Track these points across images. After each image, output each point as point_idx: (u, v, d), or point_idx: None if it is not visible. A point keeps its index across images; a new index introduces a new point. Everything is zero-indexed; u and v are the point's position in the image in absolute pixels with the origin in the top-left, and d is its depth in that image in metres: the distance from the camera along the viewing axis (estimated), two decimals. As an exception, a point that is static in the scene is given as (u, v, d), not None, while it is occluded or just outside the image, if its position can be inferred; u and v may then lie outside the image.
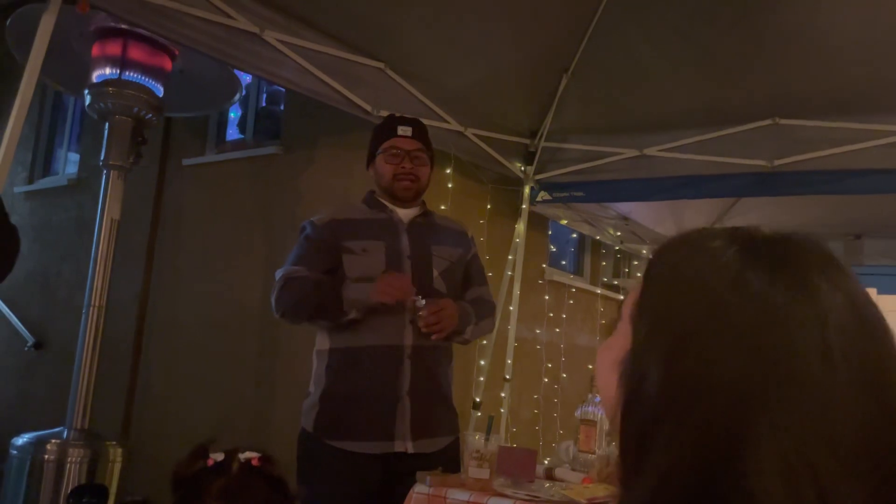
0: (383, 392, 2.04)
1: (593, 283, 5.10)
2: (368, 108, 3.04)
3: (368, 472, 2.04)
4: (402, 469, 2.03)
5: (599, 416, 2.17)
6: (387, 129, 2.20)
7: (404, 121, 2.22)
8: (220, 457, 1.31)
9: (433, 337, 2.06)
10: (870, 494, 0.51)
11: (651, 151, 3.47)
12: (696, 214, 4.10)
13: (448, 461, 2.03)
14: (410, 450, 2.03)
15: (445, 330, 2.05)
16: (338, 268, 2.11)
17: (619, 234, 4.72)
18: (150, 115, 2.89)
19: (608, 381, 0.65)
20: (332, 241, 2.13)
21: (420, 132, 2.21)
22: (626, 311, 0.66)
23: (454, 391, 2.26)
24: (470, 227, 2.36)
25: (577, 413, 2.21)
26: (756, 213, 4.07)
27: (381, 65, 3.06)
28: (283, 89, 4.20)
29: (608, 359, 0.66)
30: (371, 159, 2.22)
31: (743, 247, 0.60)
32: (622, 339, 0.64)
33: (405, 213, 2.19)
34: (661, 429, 0.56)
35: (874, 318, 0.58)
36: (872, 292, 4.67)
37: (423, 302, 2.01)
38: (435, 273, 2.12)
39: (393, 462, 2.05)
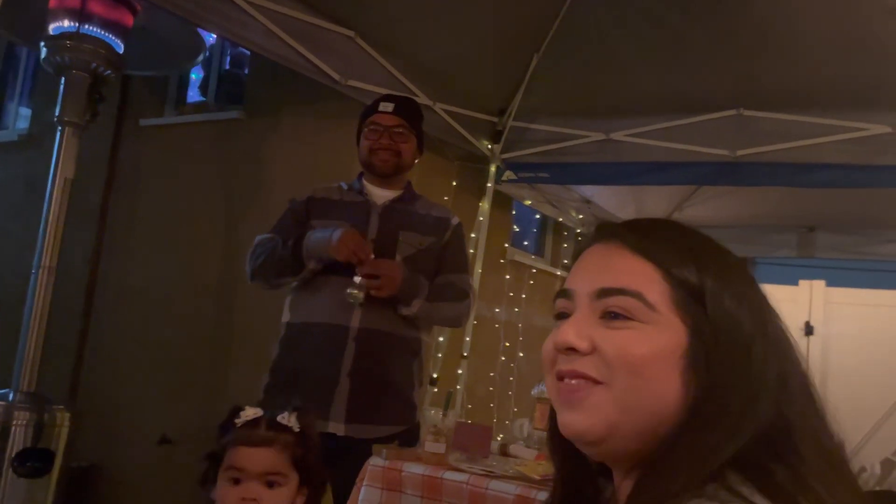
0: (324, 370, 2.03)
1: (554, 264, 5.14)
2: (336, 76, 2.98)
3: None
4: (338, 450, 2.02)
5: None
6: (371, 106, 2.22)
7: (389, 98, 2.23)
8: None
9: (372, 292, 1.99)
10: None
11: (617, 136, 3.50)
12: (657, 201, 4.16)
13: None
14: (341, 433, 2.01)
15: (384, 287, 1.99)
16: None
17: (581, 216, 4.76)
18: (109, 72, 2.78)
19: (661, 377, 0.66)
20: (304, 218, 2.18)
21: (403, 109, 2.19)
22: (664, 305, 0.68)
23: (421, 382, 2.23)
24: (457, 215, 2.27)
25: (534, 392, 2.24)
26: (714, 203, 4.14)
27: (351, 33, 3.00)
28: (247, 53, 4.10)
29: (655, 354, 0.66)
30: (358, 138, 2.23)
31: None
32: (667, 333, 0.67)
33: (381, 196, 2.19)
34: (746, 404, 0.65)
35: None
36: (821, 284, 4.78)
37: (359, 280, 1.99)
38: (398, 258, 2.10)
39: (329, 442, 2.01)
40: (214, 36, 3.80)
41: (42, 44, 2.75)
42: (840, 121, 3.03)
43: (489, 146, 3.75)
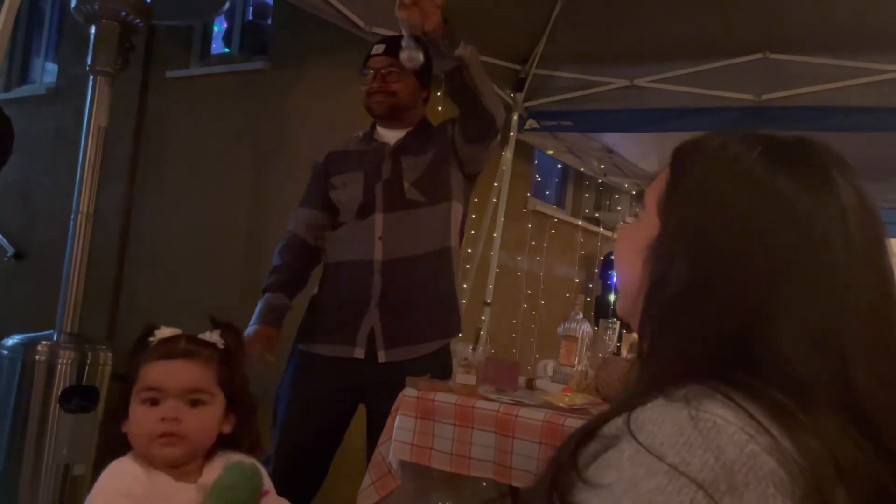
0: (353, 302, 2.10)
1: (574, 214, 5.16)
2: (361, 23, 2.99)
3: (326, 372, 2.09)
4: (382, 376, 2.06)
5: (581, 332, 2.25)
6: (366, 54, 2.21)
7: (382, 40, 2.21)
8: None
9: (424, 26, 1.81)
10: (880, 354, 0.61)
11: (641, 82, 3.48)
12: (680, 149, 4.13)
13: (423, 370, 2.01)
14: (382, 359, 2.07)
15: (425, 8, 1.81)
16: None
17: (602, 166, 4.76)
18: (138, 21, 2.81)
19: (631, 263, 0.72)
20: (325, 176, 2.21)
21: (395, 48, 2.08)
22: (652, 202, 0.72)
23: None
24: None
25: (560, 330, 2.30)
26: (738, 150, 4.11)
27: (375, -21, 3.00)
28: (269, 2, 4.11)
29: (632, 243, 0.73)
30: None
31: (765, 150, 0.67)
32: (647, 227, 0.71)
33: (392, 136, 2.19)
34: (689, 305, 0.64)
35: (874, 207, 0.67)
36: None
37: (405, 40, 1.86)
38: (406, 185, 2.11)
39: (359, 368, 2.08)
40: (237, -14, 3.81)
41: (72, -7, 2.78)
42: (868, 63, 2.99)
43: (512, 95, 3.75)
